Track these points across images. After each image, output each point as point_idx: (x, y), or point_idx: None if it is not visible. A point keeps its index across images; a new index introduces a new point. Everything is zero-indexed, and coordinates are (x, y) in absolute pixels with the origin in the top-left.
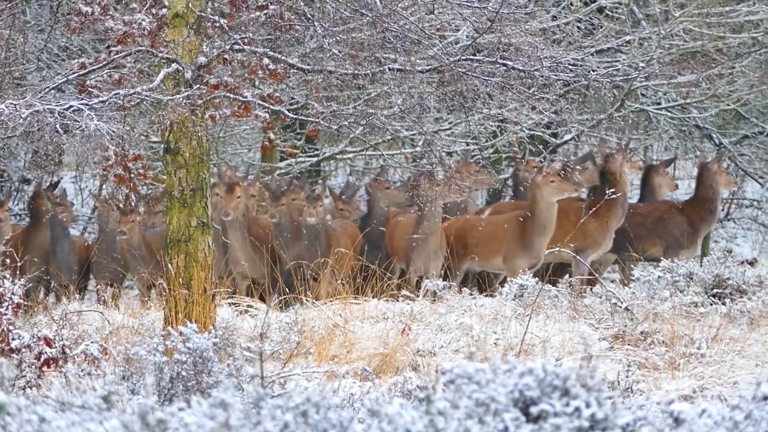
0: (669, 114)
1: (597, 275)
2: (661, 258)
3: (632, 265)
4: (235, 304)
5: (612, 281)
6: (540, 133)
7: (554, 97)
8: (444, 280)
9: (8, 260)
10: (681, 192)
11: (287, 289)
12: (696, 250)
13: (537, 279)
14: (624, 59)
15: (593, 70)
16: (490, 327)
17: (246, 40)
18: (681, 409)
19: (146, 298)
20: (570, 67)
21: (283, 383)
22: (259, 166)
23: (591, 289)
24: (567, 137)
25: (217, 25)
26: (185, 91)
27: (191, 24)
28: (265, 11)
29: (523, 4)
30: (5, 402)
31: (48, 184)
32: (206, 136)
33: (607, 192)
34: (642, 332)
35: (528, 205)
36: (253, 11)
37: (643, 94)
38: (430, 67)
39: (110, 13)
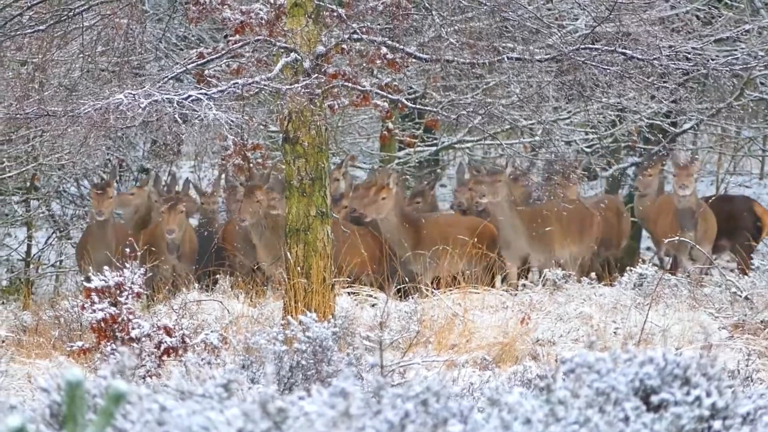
0: None
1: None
2: None
3: (751, 255)
4: (354, 293)
5: (731, 270)
6: (659, 122)
7: (673, 86)
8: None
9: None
10: None
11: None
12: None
13: (657, 268)
14: (743, 48)
15: (712, 59)
16: (609, 316)
17: (364, 30)
18: None
19: (265, 287)
20: (689, 56)
21: (403, 372)
22: (378, 156)
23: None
24: (686, 126)
25: (336, 14)
26: (304, 81)
27: (310, 13)
28: (383, 0)
29: None
30: (126, 391)
31: (167, 174)
32: (325, 125)
33: None
34: (762, 321)
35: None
36: (372, 0)
37: (762, 83)
38: (548, 56)
39: (228, 2)
